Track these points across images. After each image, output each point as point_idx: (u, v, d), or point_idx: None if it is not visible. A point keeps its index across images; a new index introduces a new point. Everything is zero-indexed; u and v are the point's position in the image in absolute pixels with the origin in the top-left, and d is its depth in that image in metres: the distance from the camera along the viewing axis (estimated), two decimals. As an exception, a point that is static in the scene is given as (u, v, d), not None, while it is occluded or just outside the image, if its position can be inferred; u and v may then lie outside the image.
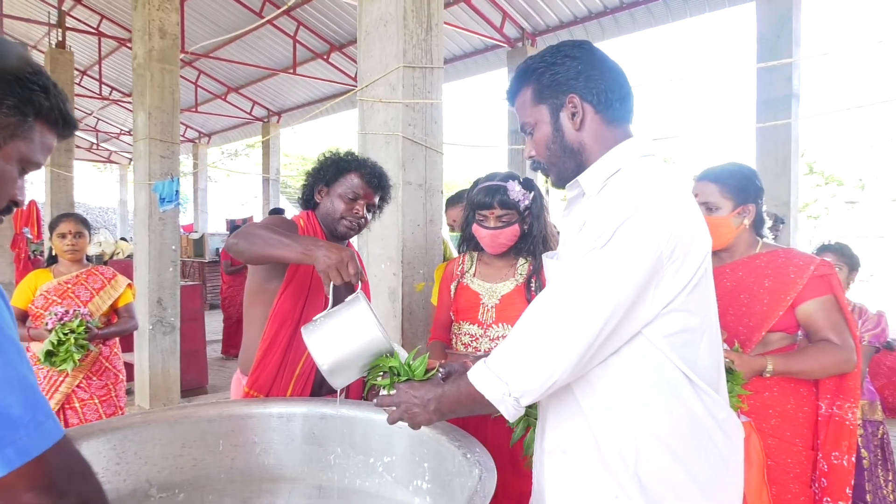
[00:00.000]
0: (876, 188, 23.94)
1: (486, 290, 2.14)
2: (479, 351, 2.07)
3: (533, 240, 2.14)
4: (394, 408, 1.34)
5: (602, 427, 1.22)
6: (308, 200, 2.13)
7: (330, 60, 11.44)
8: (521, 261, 2.16)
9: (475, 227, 2.13)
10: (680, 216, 1.16)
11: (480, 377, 1.19)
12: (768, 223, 2.09)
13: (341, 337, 1.49)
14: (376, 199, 2.09)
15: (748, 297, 1.96)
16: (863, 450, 2.84)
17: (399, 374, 1.43)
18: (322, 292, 1.94)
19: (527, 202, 2.09)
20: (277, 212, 7.77)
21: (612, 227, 1.13)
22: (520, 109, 1.37)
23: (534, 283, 2.11)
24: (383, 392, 1.44)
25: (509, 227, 2.08)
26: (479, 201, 2.10)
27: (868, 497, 2.79)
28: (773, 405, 1.92)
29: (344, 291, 1.87)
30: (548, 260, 1.35)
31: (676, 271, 1.15)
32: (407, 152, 2.68)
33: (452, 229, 2.90)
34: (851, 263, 2.97)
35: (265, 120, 15.15)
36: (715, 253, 2.03)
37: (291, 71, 11.58)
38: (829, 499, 1.88)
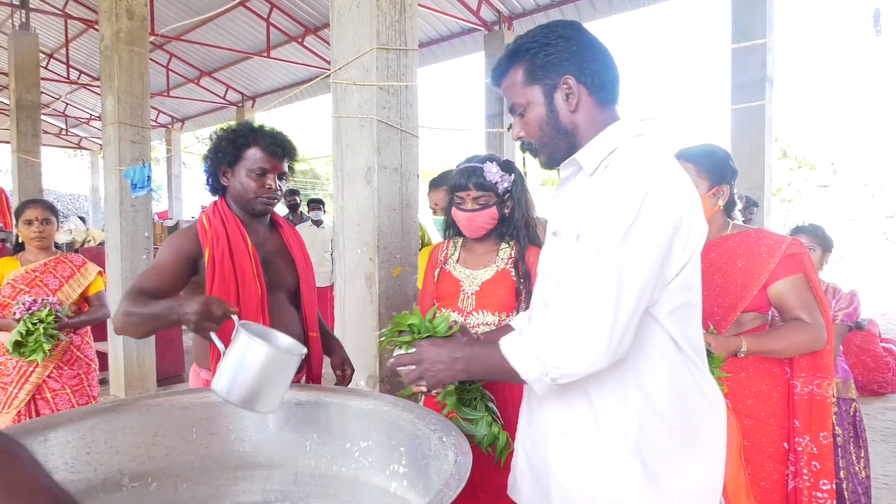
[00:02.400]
0: (848, 172, 24.36)
1: (467, 276, 2.10)
2: None
3: (515, 224, 2.10)
4: (413, 367, 1.33)
5: (605, 405, 1.24)
6: (215, 186, 2.02)
7: (304, 44, 11.29)
8: (504, 245, 2.12)
9: (453, 210, 2.10)
10: (685, 193, 1.20)
11: (517, 354, 1.20)
12: (739, 206, 2.11)
13: (240, 371, 1.45)
14: (285, 167, 2.01)
15: (722, 277, 1.97)
16: (836, 427, 2.90)
17: (419, 332, 1.40)
18: (254, 284, 1.90)
19: (506, 184, 2.05)
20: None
21: (634, 203, 1.14)
22: (509, 90, 1.35)
23: (520, 269, 2.07)
24: (399, 351, 1.40)
25: (486, 209, 2.04)
26: (455, 183, 2.07)
27: (841, 474, 2.86)
28: (749, 386, 1.94)
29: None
30: (555, 239, 1.33)
31: (684, 246, 1.19)
32: (382, 136, 2.65)
33: (435, 213, 2.84)
34: (825, 244, 3.02)
35: (239, 104, 14.93)
36: None
37: (265, 54, 11.40)
38: (825, 481, 1.88)
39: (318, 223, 6.79)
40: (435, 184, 3.20)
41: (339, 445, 1.65)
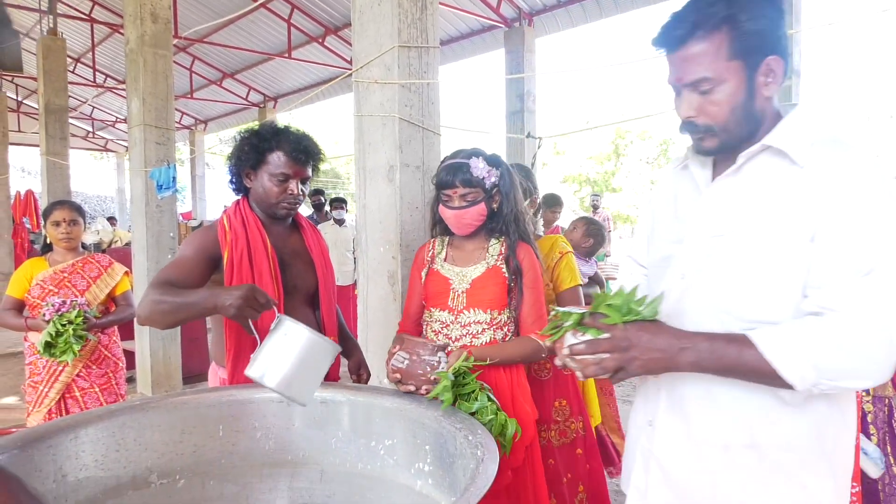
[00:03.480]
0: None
1: (457, 274, 2.04)
2: (451, 338, 1.99)
3: (504, 219, 2.03)
4: (606, 355, 1.14)
5: (821, 416, 1.18)
6: (239, 186, 2.04)
7: (325, 44, 11.34)
8: (493, 241, 2.06)
9: (440, 208, 2.03)
10: None
11: (787, 358, 1.07)
12: None
13: (279, 354, 1.49)
14: (308, 172, 2.01)
15: None
16: (871, 426, 2.83)
17: (625, 313, 1.16)
18: (271, 286, 1.91)
19: (493, 179, 1.98)
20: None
21: (882, 201, 1.08)
22: (695, 59, 1.15)
23: (510, 264, 2.00)
24: (581, 336, 1.18)
25: (474, 206, 1.97)
26: (441, 180, 1.99)
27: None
28: None
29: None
30: (736, 240, 1.18)
31: None
32: (404, 134, 2.65)
33: None
34: None
35: (261, 105, 15.05)
36: None
37: (287, 55, 11.48)
38: (854, 483, 1.81)
39: (340, 222, 6.82)
40: None
41: (364, 443, 1.65)
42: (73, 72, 13.89)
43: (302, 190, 1.99)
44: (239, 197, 2.06)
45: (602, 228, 3.84)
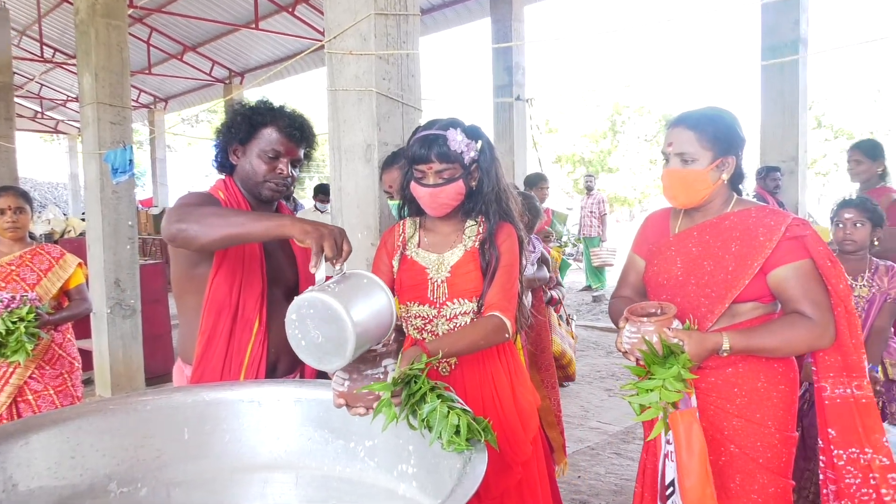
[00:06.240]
0: (889, 142, 24.15)
1: (433, 261, 1.96)
2: (437, 334, 1.93)
3: (484, 198, 1.95)
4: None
5: None
6: (223, 163, 2.03)
7: (296, 13, 11.22)
8: (470, 222, 1.99)
9: (413, 186, 1.94)
10: None
11: None
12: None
13: (364, 303, 1.43)
14: (301, 153, 2.01)
15: (712, 264, 1.85)
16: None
17: None
18: (258, 275, 1.90)
19: (472, 154, 1.90)
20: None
21: None
22: None
23: (487, 249, 1.94)
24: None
25: (451, 183, 1.89)
26: (414, 154, 1.89)
27: None
28: (740, 382, 1.83)
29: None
30: None
31: None
32: (382, 109, 2.62)
33: (391, 197, 2.58)
34: (874, 219, 2.91)
35: (227, 81, 14.90)
36: (686, 212, 1.96)
37: (253, 26, 11.34)
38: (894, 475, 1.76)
39: (322, 210, 6.77)
40: (389, 162, 2.73)
41: (343, 445, 1.64)
42: (17, 45, 13.64)
43: (292, 174, 1.99)
44: (223, 177, 2.05)
45: (534, 200, 3.66)
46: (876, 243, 2.90)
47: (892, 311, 2.82)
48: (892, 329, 2.94)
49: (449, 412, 1.40)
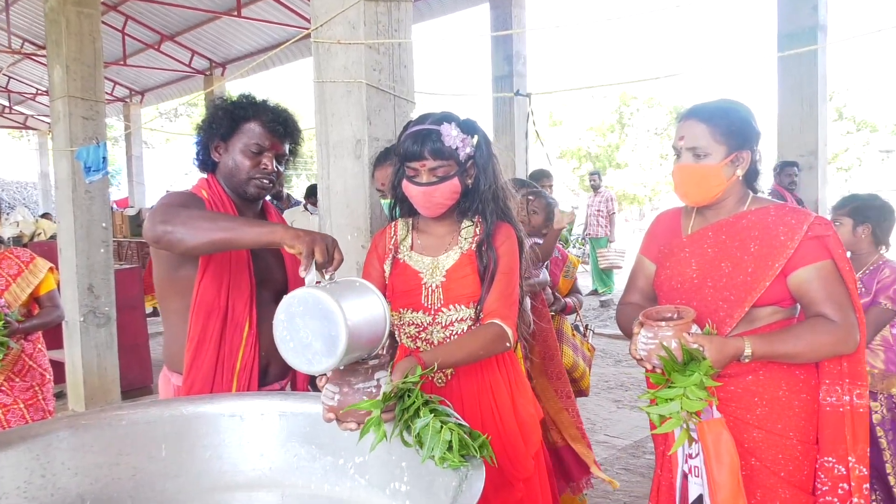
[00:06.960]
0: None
1: (427, 265, 1.96)
2: (432, 343, 1.94)
3: (480, 196, 1.95)
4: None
5: None
6: (205, 161, 2.06)
7: None
8: (466, 223, 1.99)
9: (405, 184, 1.93)
10: None
11: None
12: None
13: (357, 302, 1.44)
14: (285, 148, 2.05)
15: (730, 265, 1.86)
16: (878, 428, 2.89)
17: None
18: (246, 276, 1.94)
19: (468, 149, 1.90)
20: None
21: None
22: None
23: (484, 251, 1.93)
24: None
25: (446, 181, 1.88)
26: (406, 150, 1.88)
27: (891, 479, 2.86)
28: (760, 391, 1.84)
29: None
30: None
31: None
32: (372, 102, 2.63)
33: (384, 195, 2.56)
34: (854, 214, 2.92)
35: (207, 73, 14.88)
36: (699, 211, 1.98)
37: (235, 13, 11.34)
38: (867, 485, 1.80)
39: (313, 213, 6.77)
40: (382, 159, 2.72)
41: (332, 461, 1.64)
42: (-17, 36, 13.64)
43: (277, 169, 2.02)
44: (205, 175, 2.07)
45: (545, 197, 3.47)
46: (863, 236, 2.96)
47: (882, 317, 2.88)
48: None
49: (442, 427, 1.39)
